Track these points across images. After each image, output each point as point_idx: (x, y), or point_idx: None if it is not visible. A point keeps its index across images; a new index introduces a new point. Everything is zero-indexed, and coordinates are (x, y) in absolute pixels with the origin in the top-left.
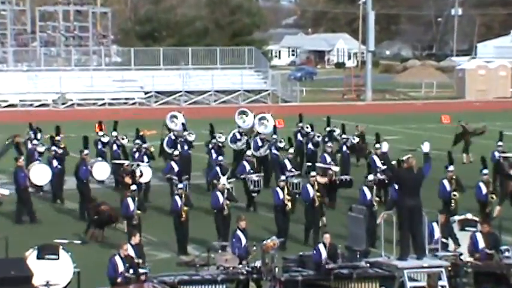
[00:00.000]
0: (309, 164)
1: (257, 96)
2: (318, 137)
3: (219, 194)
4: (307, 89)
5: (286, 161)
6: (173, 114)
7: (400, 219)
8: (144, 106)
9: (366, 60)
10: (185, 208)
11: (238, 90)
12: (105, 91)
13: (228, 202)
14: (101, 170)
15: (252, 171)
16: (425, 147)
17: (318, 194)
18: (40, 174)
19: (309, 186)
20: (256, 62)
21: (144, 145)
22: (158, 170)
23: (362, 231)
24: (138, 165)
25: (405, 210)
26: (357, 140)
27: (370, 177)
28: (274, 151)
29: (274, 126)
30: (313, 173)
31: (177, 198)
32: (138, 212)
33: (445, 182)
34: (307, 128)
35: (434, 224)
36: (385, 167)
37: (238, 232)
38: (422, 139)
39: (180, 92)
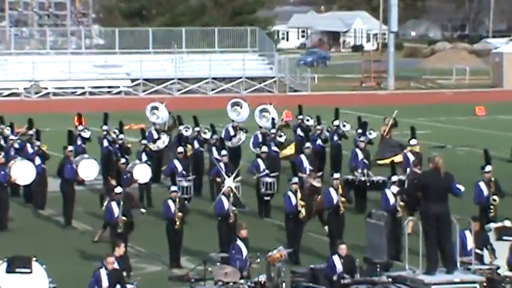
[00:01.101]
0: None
1: (261, 85)
2: (328, 131)
3: (224, 199)
4: (319, 76)
5: (303, 157)
6: (154, 105)
7: (426, 228)
8: (131, 96)
9: (388, 42)
10: (179, 214)
11: (240, 78)
12: (85, 78)
13: (234, 208)
14: (88, 169)
15: (265, 171)
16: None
17: (343, 199)
18: (23, 172)
19: (332, 191)
20: (261, 45)
21: (143, 141)
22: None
23: (383, 240)
24: (134, 164)
25: (431, 218)
26: (374, 135)
27: (394, 178)
28: (274, 148)
29: (273, 119)
30: (336, 175)
31: (170, 202)
32: (124, 218)
33: (482, 184)
34: (307, 120)
35: (467, 233)
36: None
37: (239, 242)
38: (453, 134)
39: (173, 79)
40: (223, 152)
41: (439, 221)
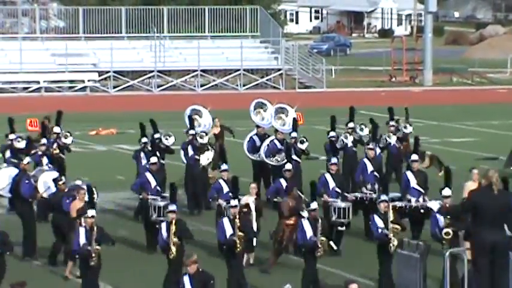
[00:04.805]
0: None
1: (264, 79)
2: (346, 137)
3: (163, 226)
4: (337, 69)
5: (328, 176)
6: (195, 107)
7: (478, 260)
8: (99, 92)
9: (425, 26)
10: (95, 247)
11: (237, 70)
12: (40, 70)
13: (176, 240)
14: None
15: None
16: None
17: (322, 239)
18: None
19: (305, 224)
20: (263, 29)
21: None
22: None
23: (416, 277)
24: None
25: (485, 247)
26: (394, 138)
27: (383, 197)
28: (294, 157)
29: (295, 120)
30: (313, 205)
31: (81, 231)
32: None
33: None
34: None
35: None
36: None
37: (185, 280)
38: (508, 142)
39: (152, 72)
40: (224, 167)
41: (495, 251)
